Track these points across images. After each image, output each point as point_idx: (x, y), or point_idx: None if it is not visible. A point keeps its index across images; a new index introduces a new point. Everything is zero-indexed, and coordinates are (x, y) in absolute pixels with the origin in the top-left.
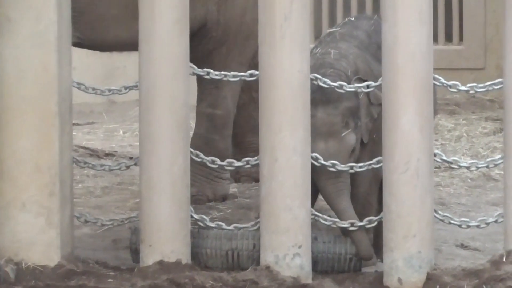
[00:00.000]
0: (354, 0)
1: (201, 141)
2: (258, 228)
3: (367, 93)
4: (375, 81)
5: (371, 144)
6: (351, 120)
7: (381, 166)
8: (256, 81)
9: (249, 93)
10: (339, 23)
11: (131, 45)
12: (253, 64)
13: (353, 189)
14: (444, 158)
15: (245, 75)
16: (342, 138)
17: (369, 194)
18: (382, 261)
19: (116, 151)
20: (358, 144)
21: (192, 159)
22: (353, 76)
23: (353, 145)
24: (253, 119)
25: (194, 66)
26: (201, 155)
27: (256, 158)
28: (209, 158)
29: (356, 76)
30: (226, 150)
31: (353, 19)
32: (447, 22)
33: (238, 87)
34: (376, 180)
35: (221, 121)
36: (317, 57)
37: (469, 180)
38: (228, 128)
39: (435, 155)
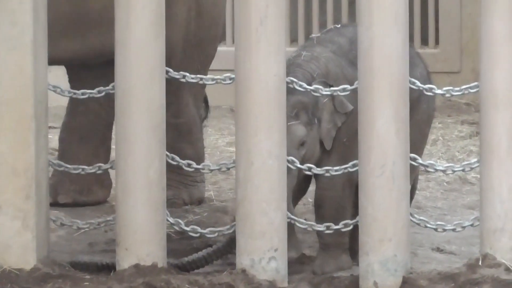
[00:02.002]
0: (330, 4)
1: (170, 151)
2: (232, 232)
3: (333, 100)
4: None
5: (342, 148)
6: (303, 113)
7: (355, 170)
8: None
9: None
10: (326, 29)
11: (82, 58)
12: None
13: (325, 192)
14: (420, 161)
15: (221, 78)
16: (288, 127)
17: (342, 198)
18: (358, 264)
19: None
20: (316, 145)
21: (167, 163)
22: (319, 78)
23: (300, 137)
24: None
25: (170, 70)
26: (177, 158)
27: (232, 161)
28: (185, 162)
29: (320, 79)
30: (196, 154)
31: (339, 25)
32: (423, 25)
33: (201, 90)
34: (350, 184)
35: (186, 128)
36: (288, 59)
37: (445, 183)
38: (195, 133)
39: (411, 158)
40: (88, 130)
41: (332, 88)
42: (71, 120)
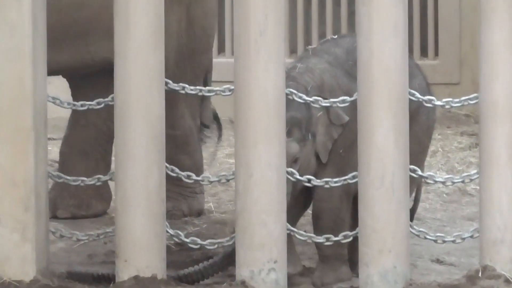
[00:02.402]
0: (329, 14)
1: (168, 162)
2: (228, 246)
3: (328, 112)
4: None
5: (339, 160)
6: (296, 130)
7: (353, 182)
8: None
9: None
10: (323, 40)
11: (71, 68)
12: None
13: (323, 204)
14: (420, 173)
15: (221, 89)
16: None
17: (340, 209)
18: (357, 276)
19: None
20: (311, 159)
21: (166, 174)
22: (313, 91)
23: (293, 154)
24: None
25: (169, 81)
26: (177, 170)
27: (231, 173)
28: (184, 173)
29: (313, 94)
30: (195, 165)
31: (336, 36)
32: (423, 36)
33: (196, 102)
34: (348, 195)
35: (183, 140)
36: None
37: (444, 195)
38: (192, 144)
39: (410, 170)
40: (89, 144)
41: (331, 100)
42: (72, 133)
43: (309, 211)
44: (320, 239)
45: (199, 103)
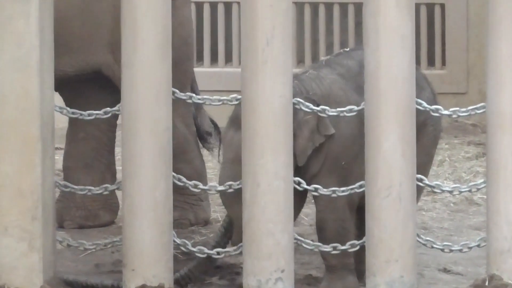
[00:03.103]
0: (337, 25)
1: None
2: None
3: (318, 120)
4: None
5: (341, 171)
6: None
7: (355, 192)
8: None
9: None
10: (336, 52)
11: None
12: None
13: (326, 215)
14: (427, 182)
15: (228, 99)
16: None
17: (343, 220)
18: (364, 285)
19: None
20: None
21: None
22: (314, 97)
23: None
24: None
25: (177, 90)
26: (184, 179)
27: (238, 182)
28: (191, 183)
29: (305, 95)
30: (196, 172)
31: (348, 49)
32: (430, 46)
33: (189, 110)
34: (351, 205)
35: (179, 150)
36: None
37: (451, 204)
38: (189, 151)
39: (417, 179)
40: (92, 157)
41: (339, 109)
42: (73, 148)
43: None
44: (327, 248)
45: (192, 112)
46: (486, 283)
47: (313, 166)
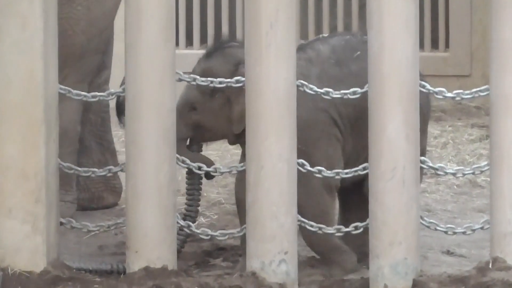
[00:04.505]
0: (340, 8)
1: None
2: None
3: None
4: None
5: (298, 154)
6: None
7: (332, 175)
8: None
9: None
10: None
11: None
12: (97, 84)
13: (302, 200)
14: (430, 164)
15: (232, 81)
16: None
17: (320, 203)
18: (368, 268)
19: None
20: (220, 121)
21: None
22: None
23: (190, 100)
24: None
25: (181, 73)
26: (188, 161)
27: (242, 164)
28: (195, 164)
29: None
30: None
31: (326, 35)
32: (433, 29)
33: (77, 103)
34: (329, 189)
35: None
36: None
37: (455, 186)
38: (67, 146)
39: (421, 161)
40: (89, 140)
41: (342, 91)
42: None
43: None
44: (331, 230)
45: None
46: (490, 266)
47: None
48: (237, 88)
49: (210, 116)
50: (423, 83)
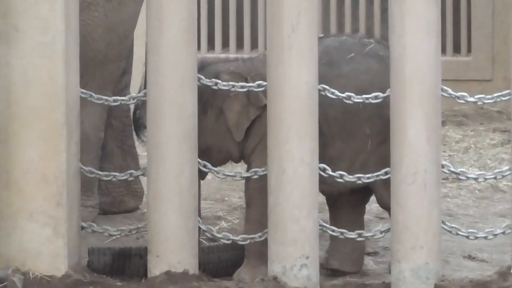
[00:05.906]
0: (362, 11)
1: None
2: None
3: (248, 92)
4: None
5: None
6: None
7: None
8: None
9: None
10: None
11: None
12: (118, 89)
13: (254, 194)
14: (452, 169)
15: (253, 85)
16: None
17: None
18: (389, 272)
19: None
20: (221, 133)
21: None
22: (253, 79)
23: None
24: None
25: (202, 77)
26: (209, 165)
27: (263, 169)
28: (216, 169)
29: (232, 70)
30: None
31: (322, 35)
32: (455, 33)
33: (100, 109)
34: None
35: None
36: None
37: (476, 191)
38: (89, 152)
39: (442, 166)
40: (111, 144)
41: (364, 96)
42: None
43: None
44: (352, 234)
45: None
46: (511, 270)
47: (251, 142)
48: (226, 97)
49: (210, 134)
50: (445, 87)
